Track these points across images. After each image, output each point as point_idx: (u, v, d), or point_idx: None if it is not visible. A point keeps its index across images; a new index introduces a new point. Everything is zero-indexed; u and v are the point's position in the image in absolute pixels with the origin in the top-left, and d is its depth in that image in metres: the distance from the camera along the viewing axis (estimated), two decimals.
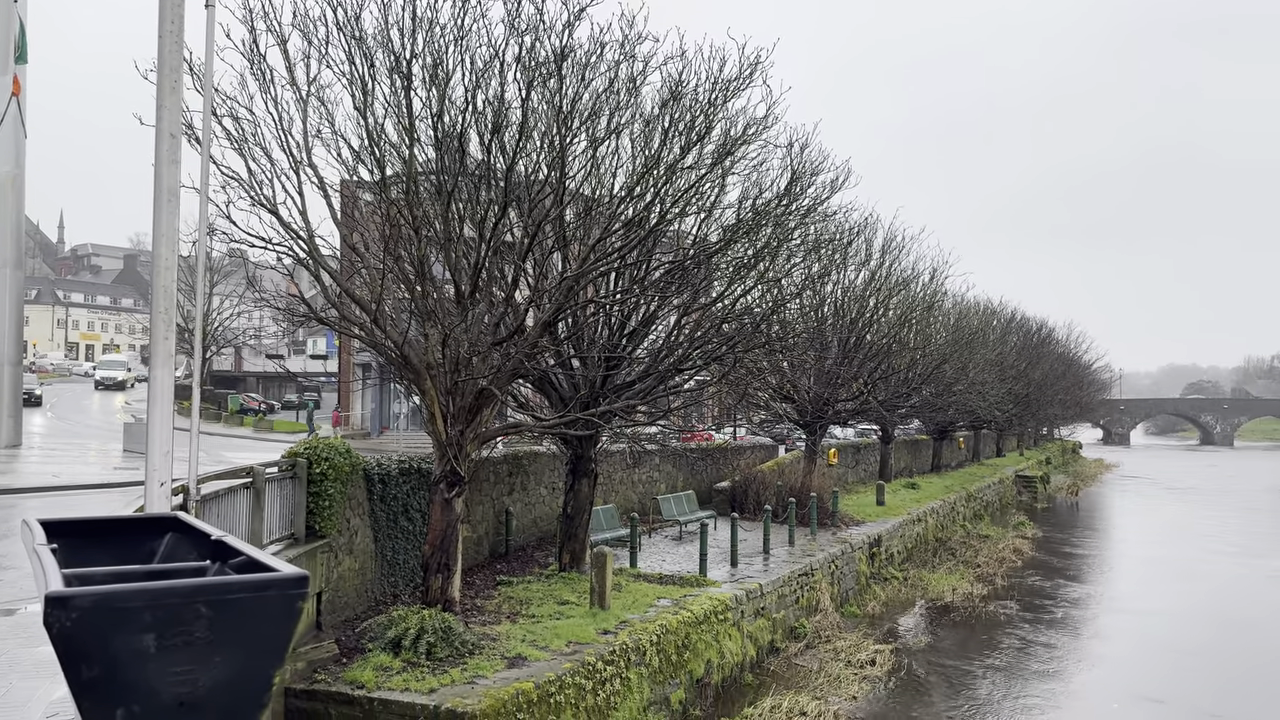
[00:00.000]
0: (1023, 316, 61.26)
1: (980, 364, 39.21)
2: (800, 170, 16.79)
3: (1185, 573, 27.42)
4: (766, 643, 16.82)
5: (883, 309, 29.52)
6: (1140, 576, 26.99)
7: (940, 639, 19.70)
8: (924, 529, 29.43)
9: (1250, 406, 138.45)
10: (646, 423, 18.09)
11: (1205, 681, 16.45)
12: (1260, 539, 34.68)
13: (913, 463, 43.41)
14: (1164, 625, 21.29)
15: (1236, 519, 41.05)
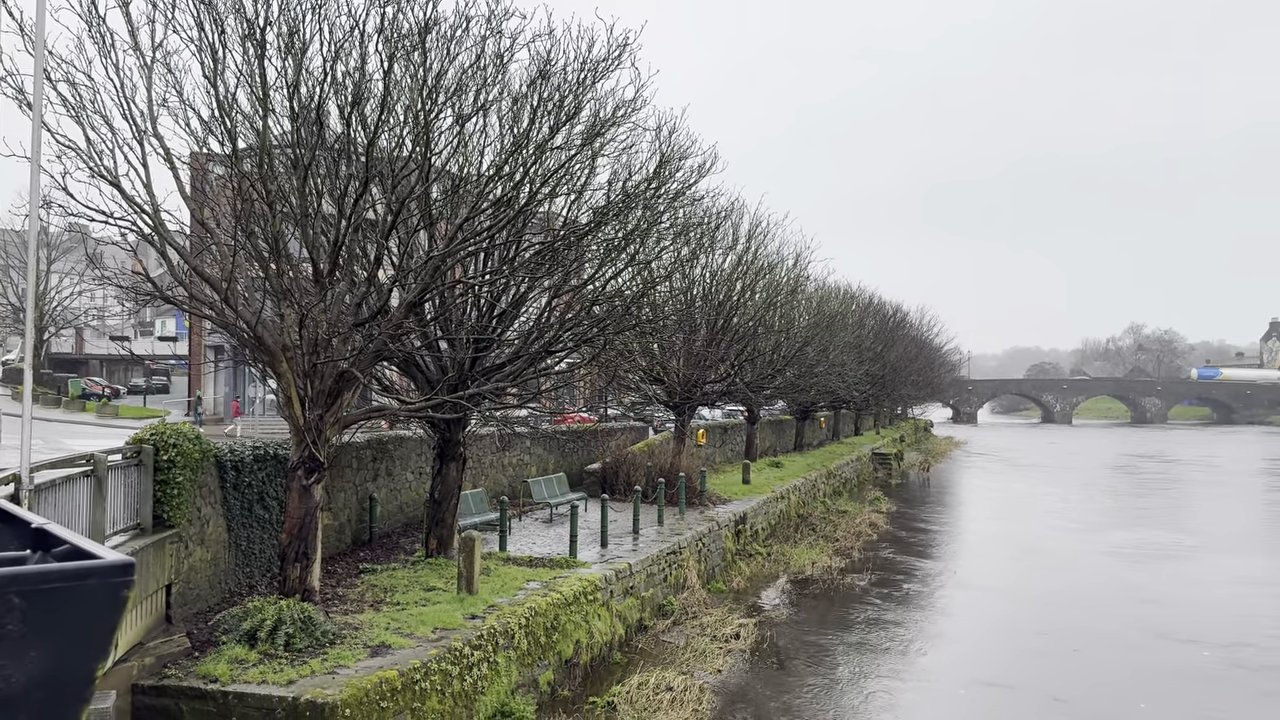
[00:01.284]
0: (880, 301, 63.78)
1: (840, 346, 40.58)
2: (669, 154, 16.94)
3: (1029, 549, 28.61)
4: (635, 621, 17.01)
5: (749, 292, 30.17)
6: (986, 552, 28.05)
7: (801, 611, 20.37)
8: (787, 506, 30.31)
9: (1087, 386, 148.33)
10: (517, 405, 17.96)
11: (1049, 663, 16.72)
12: (1099, 513, 36.62)
13: (777, 442, 44.66)
14: (1009, 602, 21.90)
15: (1076, 494, 43.44)
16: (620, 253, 16.46)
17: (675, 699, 13.55)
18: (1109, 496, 43.68)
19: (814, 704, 14.15)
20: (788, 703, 14.33)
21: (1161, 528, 32.41)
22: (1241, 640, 17.68)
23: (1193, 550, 27.89)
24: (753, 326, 30.32)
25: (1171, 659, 16.66)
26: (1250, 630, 18.39)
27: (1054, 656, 16.99)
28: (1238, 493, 45.15)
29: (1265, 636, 17.96)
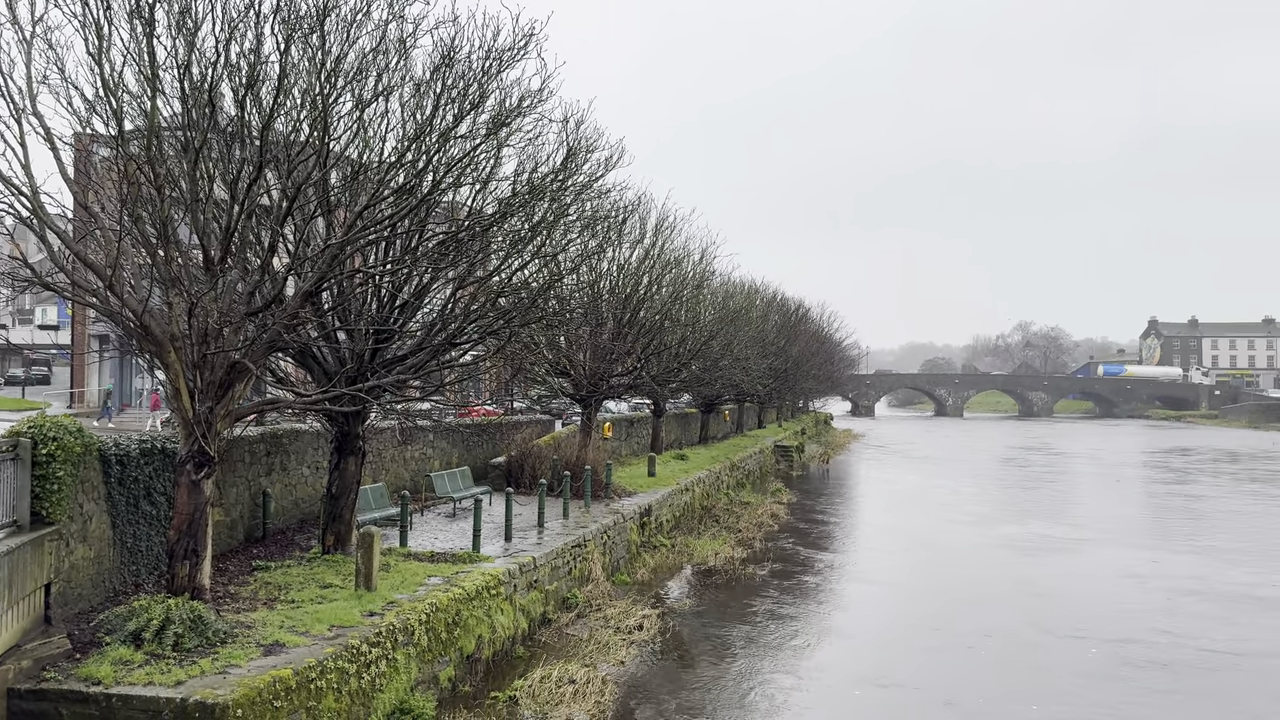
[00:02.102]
0: (783, 297, 64.93)
1: (744, 341, 41.17)
2: (576, 146, 16.88)
3: (923, 541, 29.19)
4: (539, 615, 16.95)
5: (656, 286, 30.31)
6: (882, 545, 28.49)
7: (704, 602, 20.61)
8: (691, 498, 30.63)
9: (978, 381, 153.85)
10: (419, 398, 17.66)
11: (943, 662, 16.55)
12: (989, 506, 37.70)
13: (682, 435, 45.04)
14: (904, 597, 22.02)
15: (968, 487, 44.67)
16: (526, 244, 16.33)
17: (578, 691, 13.56)
18: (999, 489, 44.95)
19: (713, 698, 14.29)
20: (687, 696, 14.47)
21: (1049, 520, 33.26)
22: (1128, 636, 17.92)
23: (1079, 543, 28.64)
24: (659, 320, 30.48)
25: (1062, 657, 16.69)
26: (1135, 625, 18.76)
27: (947, 654, 16.98)
28: (1120, 485, 46.94)
29: (1149, 631, 18.33)
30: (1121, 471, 53.31)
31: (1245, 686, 15.04)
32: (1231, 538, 29.44)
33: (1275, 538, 29.59)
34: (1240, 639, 17.67)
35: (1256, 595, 21.30)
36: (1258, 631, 18.27)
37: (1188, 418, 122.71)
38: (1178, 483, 46.89)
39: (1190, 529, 31.63)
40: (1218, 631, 18.28)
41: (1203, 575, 23.53)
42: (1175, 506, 38.07)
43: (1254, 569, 24.26)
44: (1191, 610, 20.06)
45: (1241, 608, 20.17)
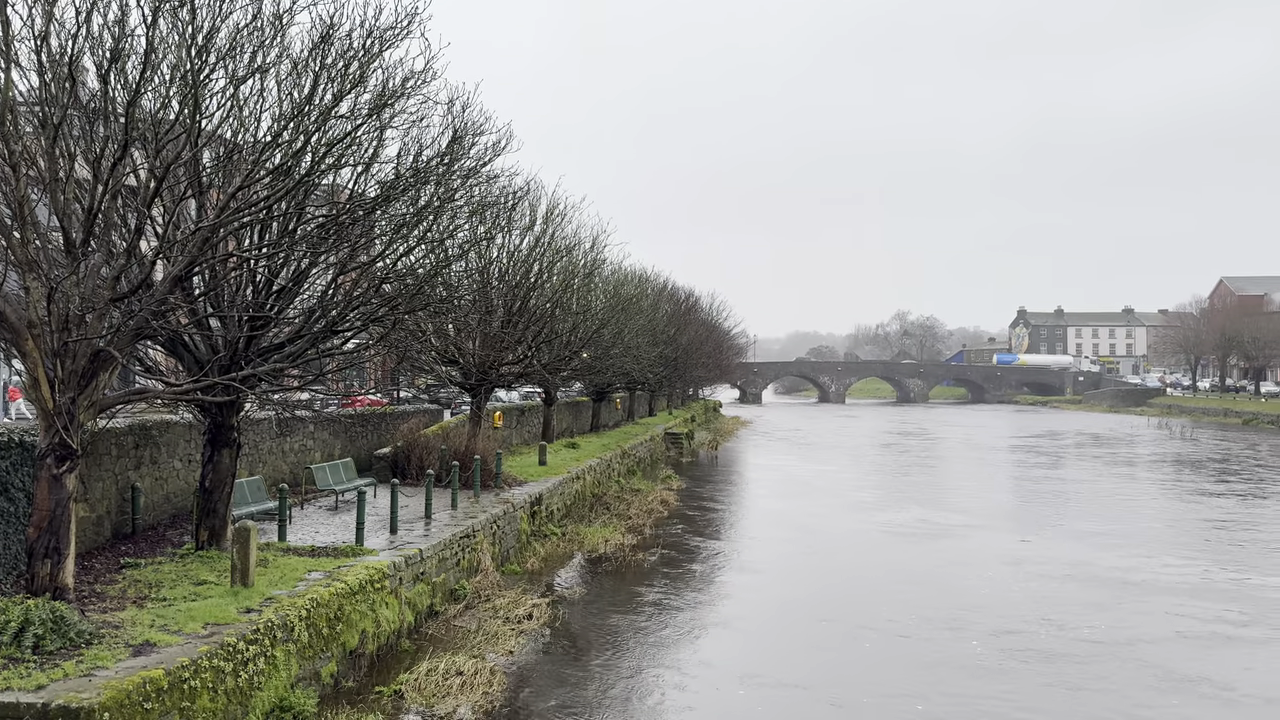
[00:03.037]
0: (674, 286, 65.55)
1: (635, 329, 41.38)
2: (463, 130, 16.63)
3: (808, 528, 29.32)
4: (426, 607, 16.70)
5: (547, 274, 30.17)
6: (769, 533, 28.53)
7: (594, 589, 20.67)
8: (583, 486, 30.65)
9: (859, 368, 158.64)
10: (298, 388, 17.12)
11: (828, 659, 16.05)
12: (872, 492, 38.42)
13: (574, 423, 45.03)
14: (789, 587, 21.78)
15: (851, 473, 45.63)
16: (412, 229, 15.99)
17: (465, 683, 13.42)
18: (880, 474, 45.99)
19: (599, 691, 14.20)
20: (575, 686, 14.47)
21: (929, 505, 33.80)
22: (1009, 626, 17.75)
23: (958, 529, 29.00)
24: (550, 308, 30.36)
25: (946, 650, 16.35)
26: (1015, 614, 18.65)
27: (833, 648, 16.69)
28: (995, 469, 48.74)
29: (1029, 620, 18.17)
30: (996, 456, 55.49)
31: (1126, 677, 14.89)
32: (1103, 521, 30.43)
33: (1143, 520, 30.73)
34: (1117, 626, 17.75)
35: (1129, 580, 21.74)
36: (1133, 617, 18.45)
37: (1053, 403, 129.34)
38: (1049, 466, 48.86)
39: (1063, 512, 32.61)
40: (1095, 618, 18.27)
41: (1078, 560, 23.95)
42: (1048, 490, 39.42)
43: (1125, 552, 24.93)
44: (1069, 596, 20.19)
45: (1115, 593, 20.51)
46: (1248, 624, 17.96)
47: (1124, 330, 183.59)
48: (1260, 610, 18.96)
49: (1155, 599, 19.93)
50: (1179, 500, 35.45)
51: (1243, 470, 45.24)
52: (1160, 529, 29.14)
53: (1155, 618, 18.44)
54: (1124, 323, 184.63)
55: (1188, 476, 42.88)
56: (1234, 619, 18.30)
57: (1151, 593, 20.59)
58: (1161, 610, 18.98)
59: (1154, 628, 17.71)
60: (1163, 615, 18.59)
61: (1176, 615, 18.58)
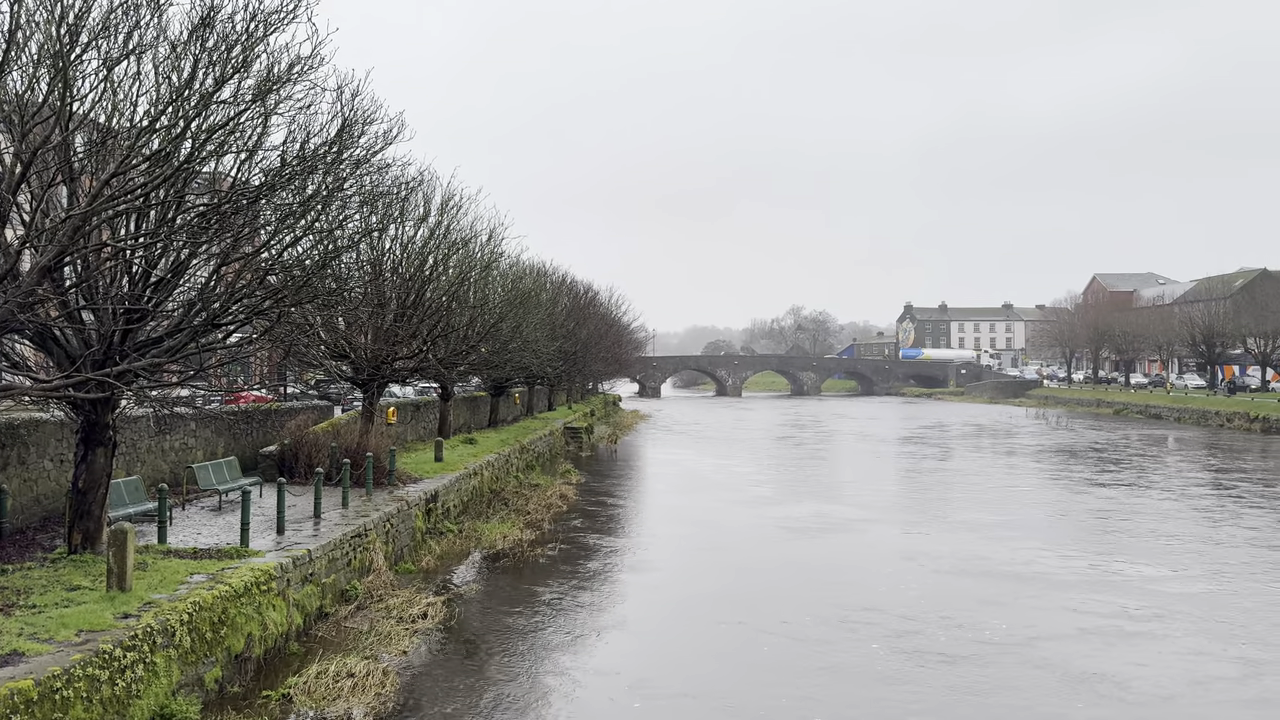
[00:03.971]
0: (573, 280, 65.40)
1: (534, 323, 41.11)
2: (352, 118, 16.22)
3: (707, 523, 29.18)
4: (315, 609, 16.27)
5: (442, 266, 29.70)
6: (667, 529, 28.15)
7: (491, 587, 20.49)
8: (480, 482, 30.33)
9: (755, 362, 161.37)
10: (177, 383, 16.42)
11: (725, 668, 15.31)
12: (769, 485, 38.50)
13: (472, 419, 44.49)
14: (688, 586, 21.28)
15: (748, 466, 45.93)
16: (299, 219, 15.51)
17: (357, 685, 13.13)
18: (778, 467, 46.38)
19: (494, 696, 14.01)
20: (470, 688, 14.33)
21: (826, 499, 33.83)
22: (908, 628, 17.09)
23: (855, 523, 28.90)
24: (446, 301, 29.90)
25: (846, 654, 15.69)
26: (914, 613, 18.04)
27: (731, 654, 16.00)
28: (889, 461, 49.72)
29: (929, 620, 17.59)
30: (888, 448, 56.77)
31: (1028, 680, 14.32)
32: (993, 512, 30.84)
33: (1031, 511, 31.26)
34: (1016, 624, 17.38)
35: (1024, 573, 21.61)
36: (1030, 613, 18.12)
37: (937, 394, 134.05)
38: (939, 458, 50.08)
39: (954, 504, 33.10)
40: (994, 616, 17.85)
41: (972, 554, 23.85)
42: (939, 482, 40.20)
43: (1017, 544, 24.95)
44: (966, 592, 19.91)
45: (1011, 587, 20.28)
46: (1142, 618, 17.82)
47: (1004, 325, 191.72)
48: (1153, 603, 18.88)
49: (1051, 594, 19.64)
50: (1066, 491, 36.28)
51: (1122, 460, 47.10)
52: (1049, 520, 29.57)
53: (1052, 614, 18.05)
54: (1004, 317, 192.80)
55: (1071, 467, 44.34)
56: (1128, 613, 18.13)
57: (1047, 587, 20.24)
58: (1058, 605, 18.67)
59: (1052, 624, 17.30)
60: (1059, 611, 18.29)
61: (1073, 611, 18.30)
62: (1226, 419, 68.31)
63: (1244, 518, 28.89)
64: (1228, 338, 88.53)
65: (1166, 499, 33.27)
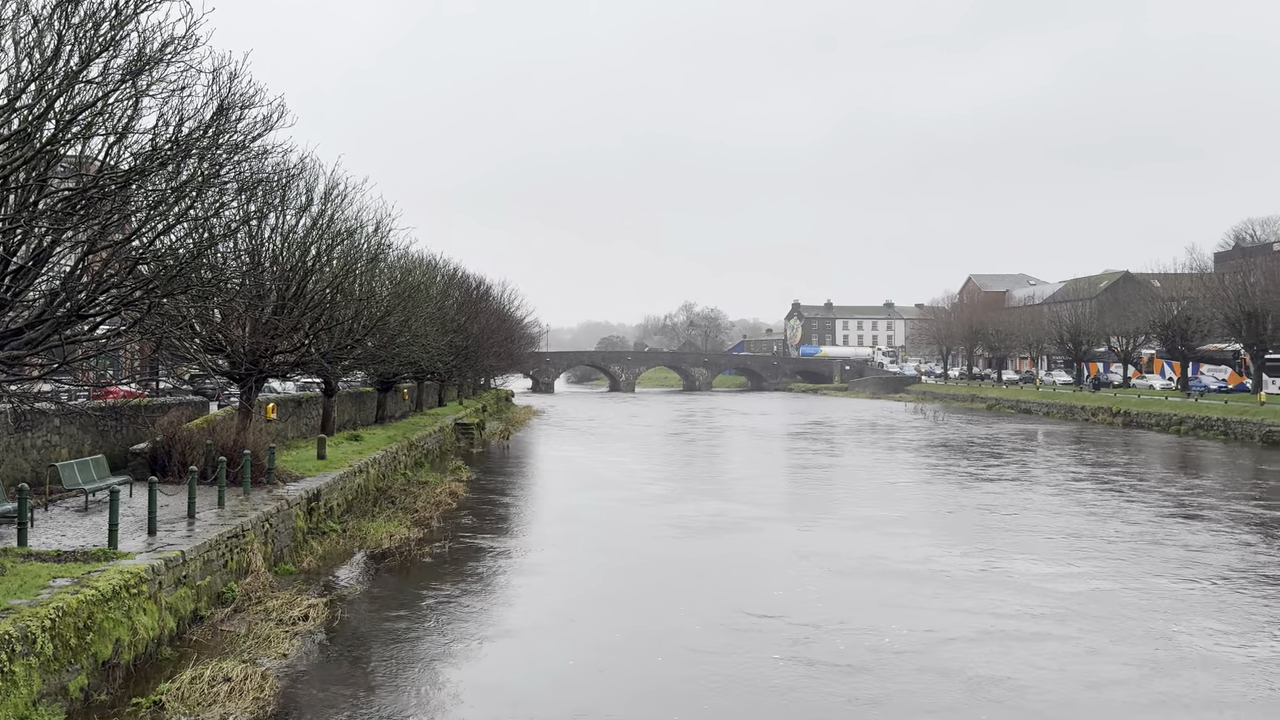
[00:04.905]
0: (464, 273, 64.56)
1: (423, 317, 40.40)
2: (230, 101, 15.63)
3: (599, 523, 28.66)
4: (190, 612, 15.63)
5: (326, 257, 28.88)
6: (559, 530, 27.48)
7: (377, 587, 20.06)
8: (366, 479, 29.65)
9: (648, 358, 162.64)
10: (38, 377, 15.51)
11: (613, 682, 14.54)
12: (663, 482, 37.93)
13: (357, 415, 43.46)
14: (577, 591, 20.41)
15: (642, 463, 45.65)
16: (172, 206, 14.84)
17: (234, 689, 12.68)
18: (672, 464, 46.26)
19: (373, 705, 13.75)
20: (351, 693, 14.01)
21: (722, 497, 33.46)
22: (807, 635, 16.31)
23: (750, 521, 28.48)
24: (330, 294, 29.08)
25: (746, 668, 14.75)
26: (812, 618, 17.31)
27: (621, 670, 15.02)
28: (779, 457, 50.34)
29: (828, 627, 16.81)
30: (779, 443, 57.59)
31: (932, 690, 13.79)
32: (885, 507, 30.97)
33: (922, 507, 31.49)
34: (915, 628, 16.68)
35: (920, 572, 21.20)
36: (928, 615, 17.62)
37: (823, 390, 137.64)
38: (830, 453, 50.98)
39: (847, 500, 33.26)
40: (893, 619, 17.26)
41: (869, 552, 23.43)
42: (831, 477, 40.52)
43: (911, 541, 24.78)
44: (864, 594, 19.40)
45: (908, 587, 19.82)
46: (1038, 617, 17.45)
47: (885, 322, 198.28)
48: (1048, 602, 18.48)
49: (948, 593, 19.21)
50: (953, 486, 36.69)
51: (1003, 455, 48.63)
52: (939, 515, 29.71)
53: (950, 615, 17.60)
54: (885, 316, 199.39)
55: (956, 462, 45.43)
56: (1025, 613, 17.77)
57: (943, 586, 19.86)
58: (955, 606, 18.25)
59: (950, 626, 16.83)
60: (957, 613, 17.81)
61: (970, 612, 17.84)
62: (1092, 413, 72.21)
63: (1125, 512, 29.62)
64: (1093, 336, 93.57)
65: (1050, 494, 34.02)
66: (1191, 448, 51.80)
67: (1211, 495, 33.21)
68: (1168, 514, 29.20)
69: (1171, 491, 34.16)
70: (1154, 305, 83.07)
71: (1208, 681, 14.06)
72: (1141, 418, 65.48)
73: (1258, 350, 67.85)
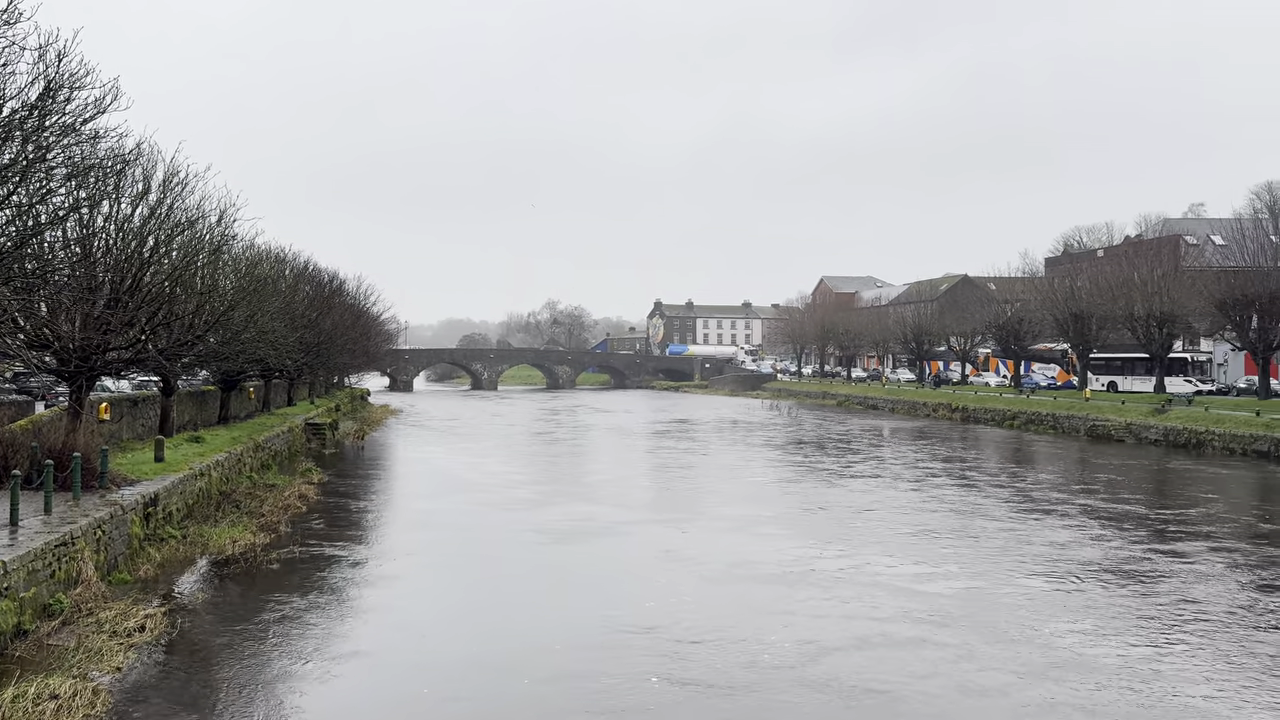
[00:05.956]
0: (316, 267, 62.35)
1: (271, 312, 38.78)
2: (57, 81, 14.60)
3: (459, 527, 27.77)
4: (13, 626, 14.52)
5: (165, 248, 27.34)
6: (416, 536, 26.36)
7: (219, 596, 19.12)
8: (208, 483, 28.26)
9: (511, 356, 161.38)
10: None
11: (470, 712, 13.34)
12: (527, 486, 36.84)
13: (199, 415, 41.34)
14: (433, 602, 19.26)
15: (505, 465, 44.72)
16: None
17: (62, 707, 11.86)
18: (536, 466, 45.55)
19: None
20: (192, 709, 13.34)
21: (587, 500, 32.70)
22: (684, 651, 15.35)
23: (619, 525, 27.69)
24: (169, 287, 27.56)
25: (619, 691, 13.74)
26: (688, 632, 16.39)
27: (481, 703, 13.58)
28: (645, 456, 50.19)
29: (704, 640, 15.91)
30: (645, 441, 57.68)
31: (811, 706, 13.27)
32: (754, 507, 30.70)
33: (789, 506, 31.47)
34: (791, 638, 16.21)
35: (793, 575, 20.66)
36: (804, 624, 17.06)
37: (684, 388, 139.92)
38: (697, 452, 51.16)
39: (715, 500, 33.00)
40: (770, 631, 16.52)
41: (742, 557, 22.77)
42: (698, 477, 40.43)
43: (782, 543, 24.28)
44: (740, 601, 18.64)
45: (783, 593, 19.12)
46: (913, 621, 17.15)
47: (743, 322, 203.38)
48: (922, 605, 18.38)
49: (821, 599, 18.78)
50: (818, 483, 36.89)
51: (861, 451, 49.97)
52: (805, 514, 29.72)
53: (826, 622, 17.16)
54: (744, 315, 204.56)
55: (817, 459, 46.13)
56: (901, 616, 17.40)
57: (816, 589, 19.45)
58: (829, 612, 17.84)
59: (826, 634, 16.37)
60: (833, 619, 17.39)
61: (846, 618, 17.44)
62: (933, 409, 76.06)
63: (983, 508, 30.36)
64: (934, 336, 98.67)
65: (911, 490, 34.73)
66: (1026, 441, 55.27)
67: (1059, 490, 34.88)
68: (1024, 509, 30.26)
69: (1022, 486, 35.92)
70: (990, 307, 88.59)
71: (1082, 685, 13.90)
72: (979, 413, 69.44)
73: (1083, 350, 73.07)
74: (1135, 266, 68.09)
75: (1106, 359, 75.01)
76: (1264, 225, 63.67)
